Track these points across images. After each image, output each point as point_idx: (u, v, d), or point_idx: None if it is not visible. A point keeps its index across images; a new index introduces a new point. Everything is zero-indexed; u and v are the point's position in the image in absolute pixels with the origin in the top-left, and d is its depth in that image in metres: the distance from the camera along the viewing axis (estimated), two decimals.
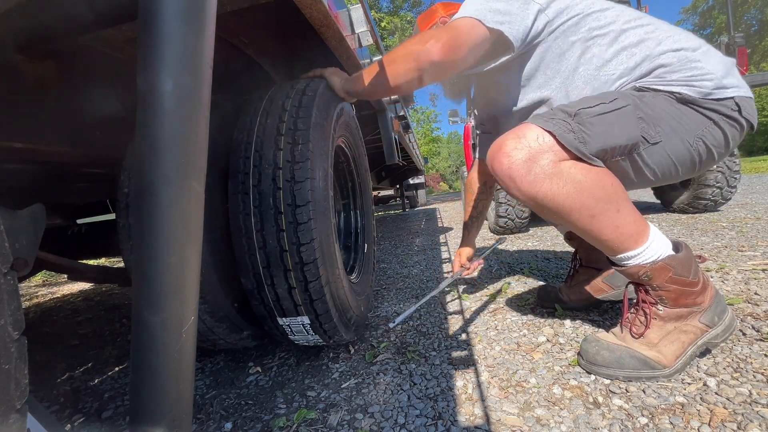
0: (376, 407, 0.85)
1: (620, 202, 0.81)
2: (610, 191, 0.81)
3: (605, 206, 0.80)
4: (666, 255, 0.83)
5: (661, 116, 0.84)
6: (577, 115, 0.82)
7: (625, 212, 0.82)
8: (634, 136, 0.82)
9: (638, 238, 0.83)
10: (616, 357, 0.85)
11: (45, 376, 1.25)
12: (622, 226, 0.82)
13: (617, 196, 0.81)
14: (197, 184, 0.35)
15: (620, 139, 0.82)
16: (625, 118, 0.82)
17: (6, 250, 0.30)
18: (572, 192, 0.79)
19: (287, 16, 0.96)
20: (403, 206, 8.25)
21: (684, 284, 0.83)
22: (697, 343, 0.85)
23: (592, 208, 0.80)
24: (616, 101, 0.83)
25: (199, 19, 0.33)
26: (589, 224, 0.81)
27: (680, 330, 0.85)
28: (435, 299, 1.55)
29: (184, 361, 0.36)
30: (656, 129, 0.84)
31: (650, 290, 0.86)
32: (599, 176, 0.80)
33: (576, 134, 0.80)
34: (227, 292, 0.95)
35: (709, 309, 0.85)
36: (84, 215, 2.03)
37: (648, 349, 0.84)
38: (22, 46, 0.78)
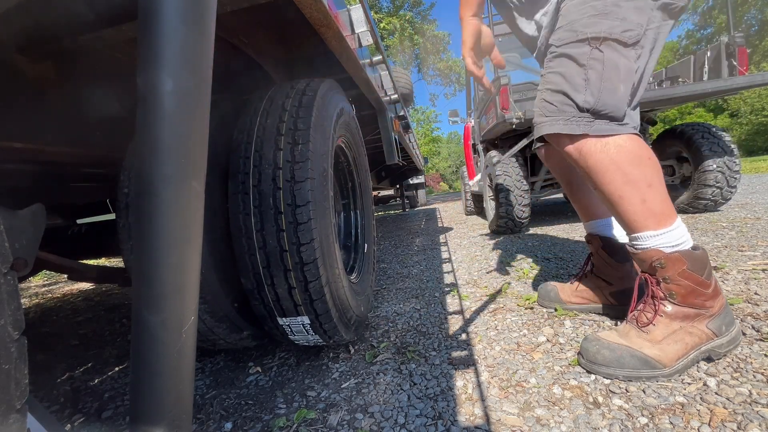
0: (376, 407, 0.85)
1: (653, 178, 0.83)
2: (646, 164, 0.83)
3: (639, 177, 0.83)
4: (684, 247, 0.82)
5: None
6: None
7: (655, 189, 0.83)
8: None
9: (661, 219, 0.83)
10: (616, 356, 0.84)
11: (45, 376, 1.25)
12: (650, 201, 0.82)
13: (652, 172, 0.83)
14: (197, 184, 0.35)
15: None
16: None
17: (6, 250, 0.30)
18: (614, 158, 0.84)
19: (287, 16, 0.96)
20: (403, 206, 8.25)
21: (696, 282, 0.82)
22: (701, 348, 0.83)
23: (627, 174, 0.83)
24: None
25: (199, 19, 0.33)
26: (620, 189, 0.84)
27: (686, 331, 0.84)
28: (435, 299, 1.55)
29: (184, 361, 0.36)
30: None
31: (661, 283, 0.85)
32: (639, 149, 0.84)
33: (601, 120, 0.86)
34: (227, 292, 0.95)
35: (717, 316, 0.84)
36: (84, 215, 2.03)
37: (650, 347, 0.83)
38: (22, 46, 0.78)
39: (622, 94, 0.85)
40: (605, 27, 0.82)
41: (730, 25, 3.07)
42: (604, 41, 0.83)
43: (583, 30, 0.84)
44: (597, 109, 0.85)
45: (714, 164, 2.60)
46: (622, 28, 0.82)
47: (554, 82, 0.89)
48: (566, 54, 0.87)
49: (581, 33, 0.84)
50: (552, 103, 0.90)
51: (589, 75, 0.84)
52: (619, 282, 1.11)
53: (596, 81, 0.84)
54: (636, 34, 0.83)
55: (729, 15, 3.14)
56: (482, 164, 3.52)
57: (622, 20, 0.82)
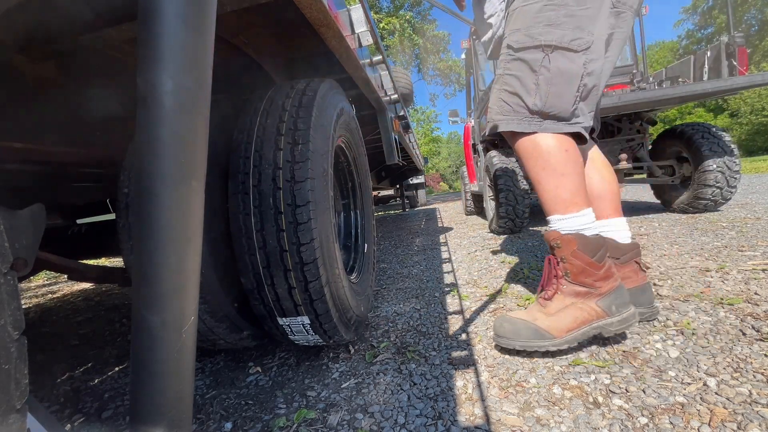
0: (376, 407, 0.85)
1: (567, 169, 0.95)
2: (563, 157, 0.95)
3: (555, 165, 0.96)
4: (580, 230, 0.95)
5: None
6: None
7: (567, 179, 0.95)
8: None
9: (569, 206, 0.96)
10: (515, 328, 0.96)
11: (45, 376, 1.25)
12: (561, 188, 0.96)
13: (567, 164, 0.95)
14: (197, 184, 0.35)
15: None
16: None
17: (6, 250, 0.30)
18: (541, 149, 0.98)
19: (287, 16, 0.96)
20: (403, 206, 8.24)
21: (586, 262, 0.93)
22: (592, 324, 0.93)
23: (546, 162, 0.97)
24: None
25: (199, 19, 0.33)
26: (539, 174, 0.98)
27: (577, 307, 0.94)
28: (435, 299, 1.55)
29: (184, 361, 0.36)
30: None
31: (560, 262, 0.97)
32: (564, 144, 0.96)
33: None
34: (227, 292, 0.95)
35: (606, 296, 0.93)
36: (84, 215, 2.03)
37: (544, 320, 0.94)
38: (22, 46, 0.78)
39: (568, 97, 0.95)
40: (557, 36, 0.92)
41: (730, 25, 3.07)
42: (555, 49, 0.93)
43: (539, 37, 0.94)
44: (545, 110, 0.95)
45: (714, 164, 2.60)
46: (572, 37, 0.92)
47: (511, 84, 0.99)
48: (522, 59, 0.97)
49: (537, 40, 0.94)
50: (509, 104, 1.00)
51: (539, 80, 0.95)
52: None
53: (544, 86, 0.94)
54: (585, 42, 0.93)
55: (729, 15, 3.14)
56: (482, 164, 3.52)
57: (574, 29, 0.92)
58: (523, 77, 0.97)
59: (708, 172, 2.62)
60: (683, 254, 1.75)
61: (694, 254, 1.73)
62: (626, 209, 3.61)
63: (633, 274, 1.10)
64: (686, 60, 3.32)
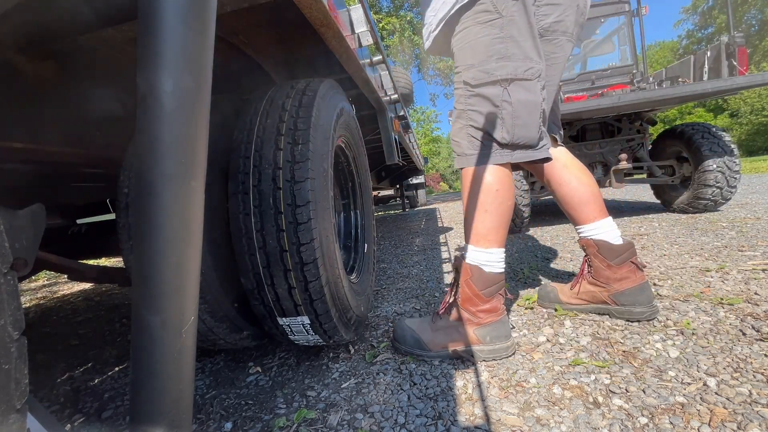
0: (376, 407, 0.85)
1: (492, 207, 1.00)
2: (493, 195, 1.00)
3: (482, 201, 1.01)
4: (480, 265, 1.00)
5: None
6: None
7: (489, 216, 1.00)
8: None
9: (479, 240, 1.01)
10: (402, 335, 1.08)
11: (45, 376, 1.25)
12: (480, 222, 1.01)
13: (493, 202, 1.00)
14: (197, 184, 0.35)
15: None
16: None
17: (6, 250, 0.30)
18: (476, 182, 1.02)
19: (287, 16, 0.96)
20: (403, 206, 8.24)
21: (473, 293, 1.00)
22: (466, 348, 1.00)
23: (475, 196, 1.02)
24: None
25: (199, 19, 0.33)
26: (467, 204, 1.04)
27: (456, 330, 1.02)
28: (436, 299, 1.55)
29: (184, 361, 0.36)
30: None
31: (457, 287, 1.04)
32: (497, 182, 1.00)
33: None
34: (227, 292, 0.95)
35: (484, 327, 0.99)
36: (84, 215, 2.03)
37: (427, 333, 1.04)
38: (22, 46, 0.78)
39: (533, 125, 0.98)
40: (511, 69, 0.95)
41: (730, 25, 3.07)
42: (512, 81, 0.96)
43: (495, 72, 0.96)
44: (513, 142, 0.98)
45: (714, 164, 2.60)
46: (525, 67, 0.95)
47: (476, 120, 1.01)
48: (482, 95, 0.99)
49: (493, 75, 0.97)
50: (477, 139, 1.02)
51: (503, 114, 0.97)
52: (618, 284, 1.12)
53: (509, 119, 0.97)
54: (537, 69, 0.96)
55: (729, 15, 3.14)
56: None
57: (524, 59, 0.96)
58: (486, 113, 1.00)
59: (708, 172, 2.62)
60: (683, 254, 1.75)
61: (694, 254, 1.73)
62: (626, 209, 3.61)
63: (630, 274, 1.11)
64: (686, 60, 3.32)
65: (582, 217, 1.17)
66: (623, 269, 1.11)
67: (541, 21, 1.04)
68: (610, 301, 1.14)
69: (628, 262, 1.11)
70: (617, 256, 1.11)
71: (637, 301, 1.09)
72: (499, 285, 1.02)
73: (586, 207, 1.16)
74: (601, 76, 4.23)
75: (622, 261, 1.11)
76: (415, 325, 1.08)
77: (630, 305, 1.10)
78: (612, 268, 1.12)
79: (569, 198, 1.18)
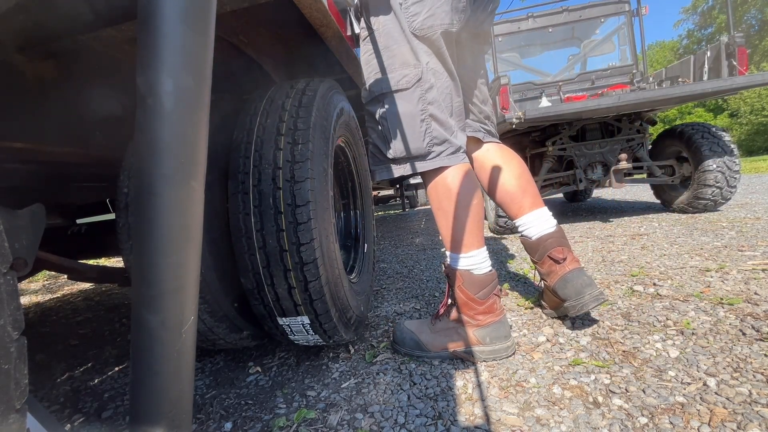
0: (376, 407, 0.85)
1: (458, 212, 0.98)
2: (452, 199, 0.98)
3: (447, 208, 0.99)
4: (467, 269, 1.00)
5: None
6: None
7: (457, 221, 0.99)
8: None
9: (460, 247, 1.00)
10: (402, 337, 1.07)
11: (45, 376, 1.25)
12: (452, 229, 1.00)
13: (456, 206, 0.98)
14: (197, 184, 0.35)
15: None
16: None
17: (6, 250, 0.30)
18: (437, 190, 1.02)
19: (287, 15, 0.96)
20: (403, 206, 8.24)
21: (468, 297, 1.00)
22: (466, 349, 1.00)
23: (440, 204, 1.01)
24: None
25: (199, 19, 0.33)
26: (436, 214, 1.03)
27: (455, 331, 1.02)
28: (435, 299, 1.55)
29: (184, 361, 0.36)
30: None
31: (453, 290, 1.03)
32: (453, 185, 0.99)
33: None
34: (227, 292, 0.95)
35: (484, 328, 0.99)
36: (84, 215, 2.03)
37: (427, 335, 1.03)
38: (22, 46, 0.78)
39: (416, 135, 0.97)
40: (386, 83, 0.95)
41: (730, 25, 3.07)
42: (388, 95, 0.96)
43: (373, 89, 0.98)
44: (397, 156, 1.00)
45: (714, 164, 2.60)
46: (399, 77, 0.95)
47: (372, 136, 1.04)
48: (369, 112, 1.03)
49: (372, 92, 0.99)
50: (375, 155, 1.06)
51: (385, 132, 0.99)
52: (551, 280, 1.09)
53: (389, 134, 0.98)
54: (415, 75, 0.94)
55: (729, 15, 3.14)
56: None
57: (401, 67, 0.95)
58: (375, 129, 1.03)
59: (708, 172, 2.62)
60: (683, 254, 1.75)
61: (694, 254, 1.73)
62: (626, 209, 3.61)
63: (552, 268, 1.08)
64: (686, 60, 3.32)
65: (514, 211, 1.16)
66: (545, 264, 1.12)
67: (412, 21, 0.95)
68: (558, 300, 1.10)
69: (545, 257, 1.11)
70: (535, 251, 1.13)
71: (566, 295, 1.04)
72: (492, 285, 1.01)
73: (515, 201, 1.15)
74: (601, 76, 4.23)
75: (539, 257, 1.12)
76: (414, 326, 1.07)
77: (569, 299, 1.04)
78: (541, 263, 1.14)
79: (501, 187, 1.17)
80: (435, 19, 0.95)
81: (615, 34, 4.39)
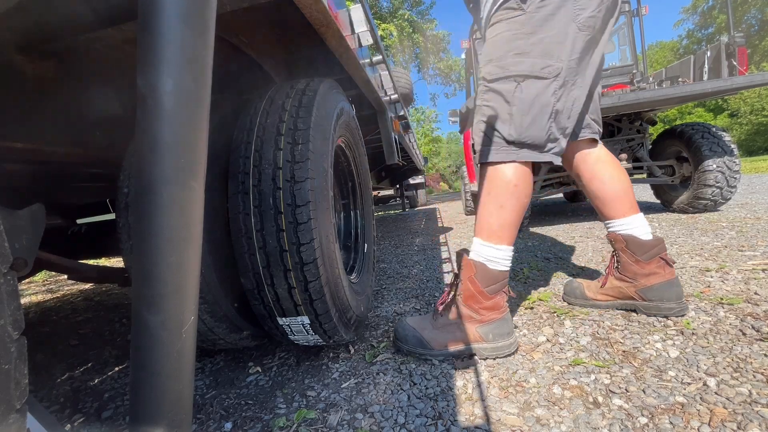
0: (376, 407, 0.85)
1: (508, 204, 0.99)
2: (510, 192, 0.99)
3: (497, 197, 1.01)
4: (487, 261, 1.00)
5: None
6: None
7: (503, 212, 1.00)
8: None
9: (490, 236, 1.01)
10: (404, 334, 1.06)
11: (45, 376, 1.25)
12: (493, 218, 1.00)
13: (510, 199, 0.99)
14: (197, 184, 0.35)
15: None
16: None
17: (6, 250, 0.30)
18: (495, 177, 1.02)
19: (287, 16, 0.96)
20: (403, 206, 8.25)
21: (476, 290, 1.00)
22: (469, 345, 1.00)
23: (491, 191, 1.02)
24: None
25: (199, 19, 0.33)
26: (483, 198, 1.03)
27: (459, 327, 1.01)
28: (436, 299, 1.55)
29: (184, 361, 0.36)
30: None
31: (460, 283, 1.03)
32: (515, 179, 1.00)
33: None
34: (227, 292, 0.95)
35: (487, 325, 0.99)
36: (84, 215, 2.03)
37: (429, 331, 1.03)
38: (22, 46, 0.78)
39: (541, 125, 0.96)
40: (527, 65, 0.94)
41: (730, 25, 3.07)
42: (527, 78, 0.95)
43: (510, 68, 0.96)
44: (520, 140, 0.97)
45: (714, 164, 2.60)
46: (542, 65, 0.94)
47: (487, 115, 1.01)
48: (496, 90, 0.99)
49: (508, 71, 0.96)
50: (488, 136, 1.02)
51: (513, 111, 0.96)
52: (645, 279, 1.11)
53: (518, 116, 0.96)
54: (556, 69, 0.94)
55: (729, 15, 3.14)
56: None
57: (543, 56, 0.94)
58: (498, 108, 1.00)
59: (708, 172, 2.62)
60: (683, 254, 1.75)
61: (694, 254, 1.73)
62: None
63: (659, 270, 1.09)
64: (686, 60, 3.32)
65: (612, 212, 1.16)
66: (652, 265, 1.10)
67: (579, 14, 0.96)
68: (637, 297, 1.13)
69: (657, 258, 1.10)
70: (646, 251, 1.10)
71: (665, 297, 1.08)
72: (503, 283, 1.02)
73: (616, 203, 1.14)
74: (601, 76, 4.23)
75: (651, 257, 1.10)
76: (416, 323, 1.07)
77: (658, 300, 1.09)
78: (640, 263, 1.11)
79: (600, 193, 1.16)
80: (596, 21, 0.97)
81: (615, 34, 4.39)
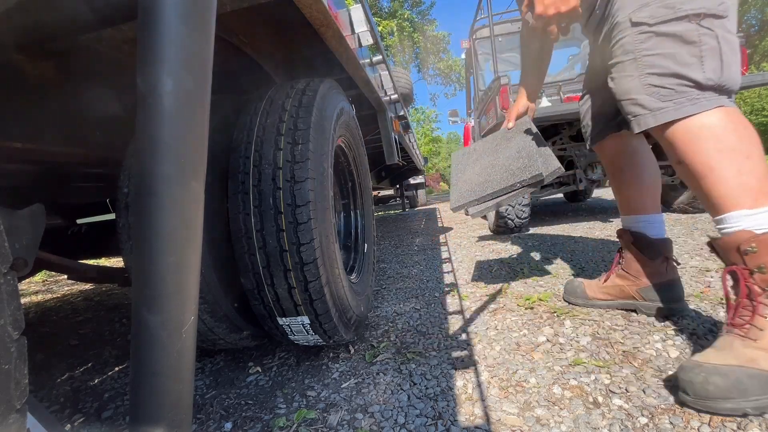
0: (376, 407, 0.85)
1: (753, 150, 0.75)
2: (743, 134, 0.76)
3: (735, 146, 0.75)
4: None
5: None
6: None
7: (754, 162, 0.74)
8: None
9: (758, 197, 0.73)
10: (733, 382, 0.66)
11: (45, 376, 1.25)
12: (747, 174, 0.74)
13: (750, 142, 0.76)
14: (197, 184, 0.35)
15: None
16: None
17: (6, 250, 0.30)
18: (709, 125, 0.79)
19: (287, 16, 0.96)
20: (403, 206, 8.25)
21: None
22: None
23: (721, 141, 0.76)
24: None
25: (199, 19, 0.33)
26: (712, 158, 0.76)
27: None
28: (436, 299, 1.55)
29: (184, 361, 0.36)
30: None
31: (755, 273, 0.70)
32: (738, 118, 0.78)
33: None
34: (227, 292, 0.95)
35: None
36: (84, 215, 2.03)
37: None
38: (22, 46, 0.78)
39: (736, 66, 0.80)
40: (701, 2, 0.78)
41: None
42: (705, 17, 0.78)
43: (682, 7, 0.79)
44: (721, 84, 0.79)
45: None
46: (717, 1, 0.78)
47: (662, 65, 0.82)
48: (667, 33, 0.81)
49: (680, 10, 0.79)
50: (668, 87, 0.81)
51: (703, 52, 0.79)
52: (648, 278, 1.10)
53: (710, 58, 0.79)
54: (727, 7, 0.80)
55: None
56: None
57: None
58: (677, 53, 0.80)
59: None
60: (683, 254, 1.75)
61: (694, 254, 1.73)
62: None
63: (663, 269, 1.08)
64: None
65: (640, 207, 1.12)
66: (656, 264, 1.07)
67: None
68: (637, 296, 1.11)
69: (662, 257, 1.07)
70: (652, 250, 1.07)
71: (665, 298, 1.06)
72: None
73: (646, 198, 1.11)
74: None
75: (656, 255, 1.07)
76: (732, 360, 0.71)
77: (658, 300, 1.07)
78: (644, 261, 1.09)
79: (638, 182, 1.12)
80: None
81: None
